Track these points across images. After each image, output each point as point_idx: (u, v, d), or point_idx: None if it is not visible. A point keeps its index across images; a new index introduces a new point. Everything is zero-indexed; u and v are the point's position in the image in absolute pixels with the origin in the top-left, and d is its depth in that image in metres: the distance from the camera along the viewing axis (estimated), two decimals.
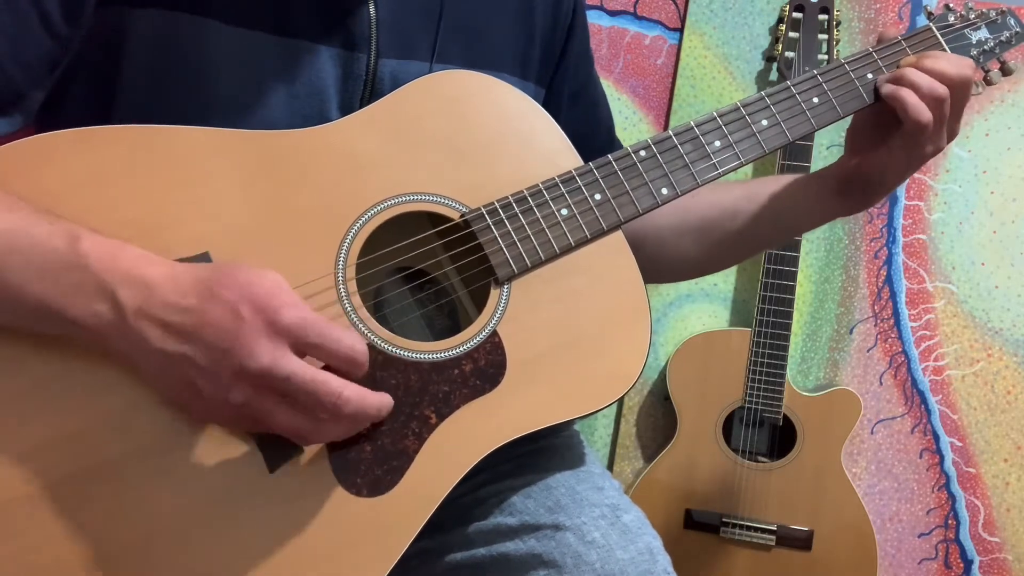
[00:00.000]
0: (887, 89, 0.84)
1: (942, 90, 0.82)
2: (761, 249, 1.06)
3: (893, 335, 1.75)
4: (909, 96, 0.82)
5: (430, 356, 0.73)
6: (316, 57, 0.78)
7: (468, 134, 0.79)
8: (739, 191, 0.97)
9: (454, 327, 0.79)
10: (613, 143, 1.05)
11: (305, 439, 0.66)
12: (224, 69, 0.75)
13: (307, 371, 0.61)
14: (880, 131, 0.87)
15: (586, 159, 0.82)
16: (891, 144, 0.85)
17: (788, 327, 1.60)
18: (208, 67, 0.74)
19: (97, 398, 0.64)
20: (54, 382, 0.63)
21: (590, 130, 1.00)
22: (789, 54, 1.58)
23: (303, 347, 0.62)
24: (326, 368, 0.64)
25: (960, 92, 0.83)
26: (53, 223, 0.61)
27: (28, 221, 0.61)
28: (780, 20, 1.62)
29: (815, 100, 0.86)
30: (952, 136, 0.86)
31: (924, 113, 0.81)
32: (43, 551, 0.62)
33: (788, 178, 0.94)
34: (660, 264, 1.01)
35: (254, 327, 0.60)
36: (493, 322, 0.76)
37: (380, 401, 0.65)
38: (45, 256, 0.60)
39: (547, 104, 0.96)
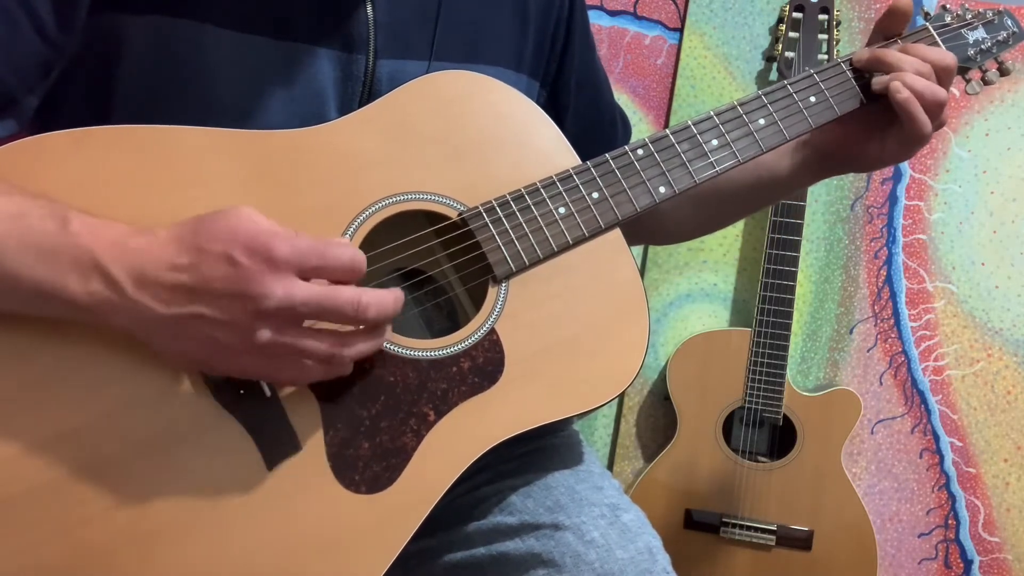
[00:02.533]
0: (899, 97, 0.84)
1: (944, 95, 0.83)
2: (759, 208, 1.08)
3: (893, 335, 1.75)
4: (915, 107, 0.83)
5: (428, 354, 0.74)
6: (314, 59, 0.78)
7: (466, 133, 0.79)
8: None
9: (452, 325, 0.79)
10: (615, 123, 1.06)
11: (339, 360, 0.66)
12: (221, 73, 0.75)
13: (321, 290, 0.62)
14: (871, 117, 0.88)
15: (593, 141, 0.82)
16: (885, 137, 0.88)
17: (788, 327, 1.61)
18: (205, 72, 0.74)
19: (93, 395, 0.64)
20: (50, 379, 0.63)
21: (595, 114, 1.02)
22: (789, 54, 1.58)
23: (307, 272, 0.63)
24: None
25: (943, 77, 0.85)
26: (44, 206, 0.61)
27: (21, 205, 0.61)
28: (780, 20, 1.63)
29: (812, 99, 0.87)
30: (939, 126, 0.88)
31: (928, 125, 0.84)
32: (42, 547, 0.63)
33: (783, 148, 0.95)
34: (660, 229, 1.05)
35: (255, 268, 0.60)
36: (491, 320, 0.76)
37: (394, 295, 0.67)
38: (39, 239, 0.60)
39: (556, 99, 0.97)
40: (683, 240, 1.13)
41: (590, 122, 0.96)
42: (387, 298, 0.66)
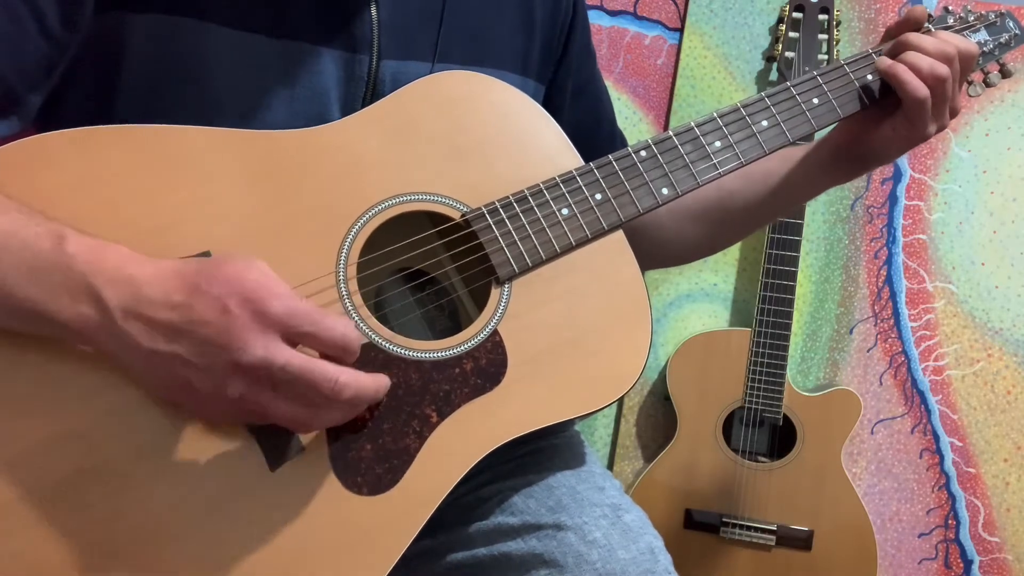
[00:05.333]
0: (883, 64, 0.85)
1: (943, 69, 0.83)
2: (761, 225, 1.07)
3: (893, 335, 1.75)
4: (905, 73, 0.83)
5: (431, 355, 0.73)
6: (317, 59, 0.78)
7: (469, 134, 0.79)
8: None
9: (455, 327, 0.79)
10: (615, 137, 1.05)
11: (305, 426, 0.66)
12: (224, 73, 0.75)
13: (301, 360, 0.61)
14: (877, 110, 0.88)
15: (589, 154, 0.82)
16: (894, 122, 0.86)
17: (788, 327, 1.61)
18: (208, 71, 0.74)
19: (94, 398, 0.64)
20: (52, 383, 0.63)
21: (593, 125, 1.01)
22: (789, 54, 1.58)
23: (295, 336, 0.62)
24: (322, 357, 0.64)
25: (953, 69, 0.84)
26: (41, 224, 0.61)
27: (17, 223, 0.60)
28: (780, 20, 1.63)
29: (815, 101, 0.87)
30: (954, 114, 0.87)
31: (921, 89, 0.82)
32: (42, 551, 0.62)
33: (781, 153, 0.95)
34: (662, 249, 1.02)
35: (244, 321, 0.60)
36: (494, 321, 0.76)
37: (376, 383, 0.65)
38: (33, 257, 0.60)
39: (549, 100, 0.96)
40: (688, 260, 1.11)
41: (588, 132, 0.95)
42: (367, 383, 0.64)
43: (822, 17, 1.57)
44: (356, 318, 0.71)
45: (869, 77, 0.88)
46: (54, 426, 0.63)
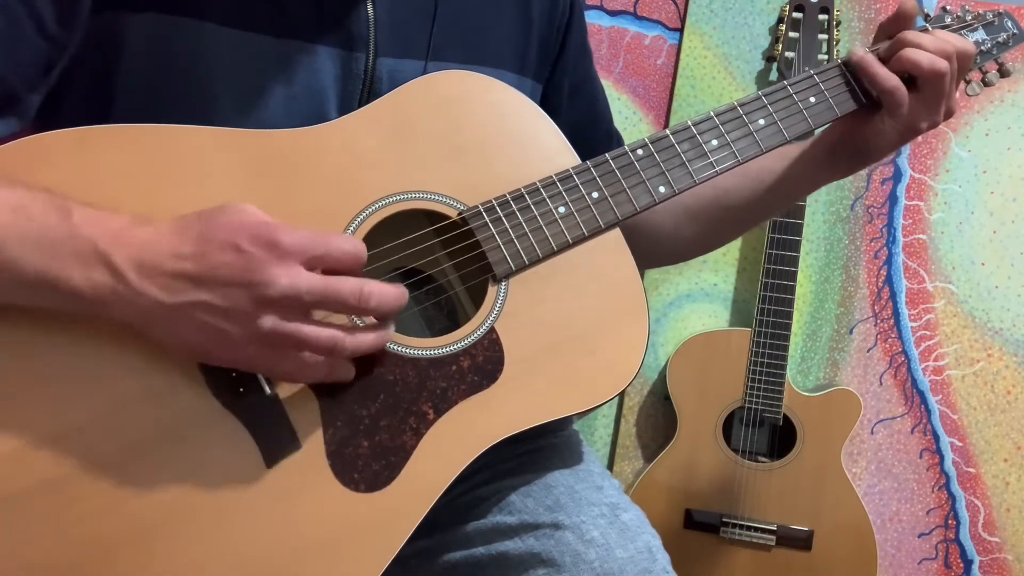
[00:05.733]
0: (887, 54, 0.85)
1: (942, 64, 0.83)
2: (757, 223, 1.07)
3: (893, 335, 1.75)
4: (906, 64, 0.83)
5: (428, 352, 0.74)
6: (314, 58, 0.78)
7: (466, 133, 0.79)
8: None
9: (452, 324, 0.79)
10: (612, 136, 1.06)
11: (340, 351, 0.66)
12: (222, 71, 0.75)
13: (324, 279, 0.63)
14: (874, 108, 0.88)
15: (585, 153, 0.82)
16: (885, 116, 0.86)
17: (788, 327, 1.61)
18: (206, 70, 0.74)
19: (92, 392, 0.64)
20: (49, 379, 0.63)
21: (589, 126, 1.01)
22: (789, 54, 1.58)
23: (311, 261, 0.63)
24: None
25: (961, 63, 0.85)
26: (46, 199, 0.62)
27: (24, 197, 0.61)
28: (780, 20, 1.63)
29: (812, 99, 0.87)
30: (949, 114, 0.87)
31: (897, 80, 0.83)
32: (39, 546, 0.63)
33: (777, 151, 0.95)
34: (660, 247, 1.03)
35: (261, 256, 0.61)
36: (491, 319, 0.76)
37: (399, 290, 0.67)
38: (41, 230, 0.60)
39: (546, 99, 0.96)
40: (685, 259, 1.11)
41: (585, 131, 0.95)
42: (389, 290, 0.66)
43: (822, 17, 1.57)
44: (353, 316, 0.71)
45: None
46: (52, 420, 0.63)
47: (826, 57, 1.57)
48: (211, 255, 0.61)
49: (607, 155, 0.81)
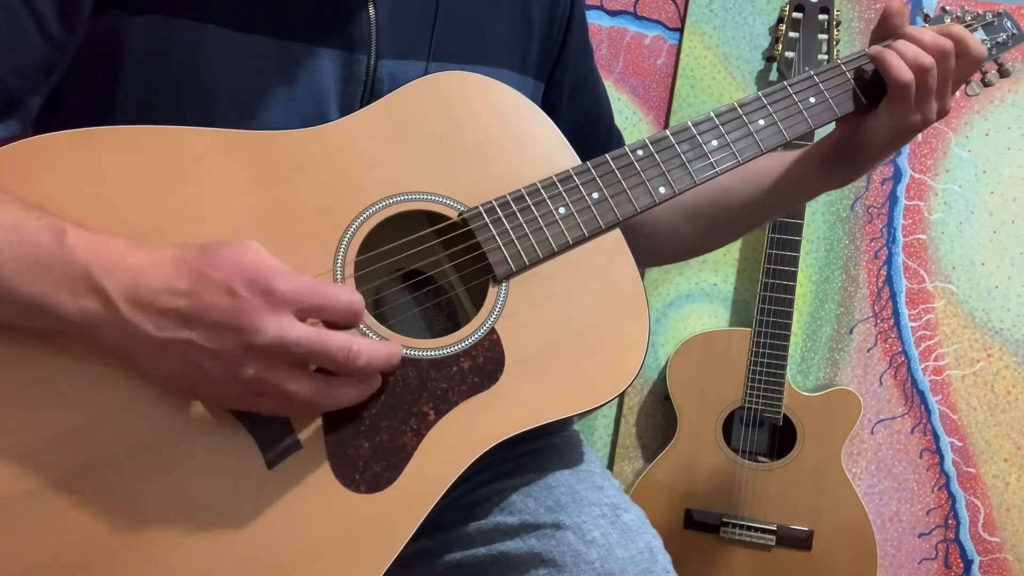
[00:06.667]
0: (872, 50, 0.85)
1: (927, 59, 0.83)
2: (756, 226, 1.07)
3: (893, 335, 1.75)
4: (891, 57, 0.83)
5: (429, 353, 0.74)
6: (316, 60, 0.78)
7: (466, 133, 0.79)
8: None
9: (452, 325, 0.79)
10: (612, 135, 1.06)
11: (321, 403, 0.66)
12: (222, 73, 0.75)
13: (314, 332, 0.62)
14: (873, 108, 0.88)
15: (586, 153, 0.82)
16: (878, 112, 0.86)
17: (788, 327, 1.61)
18: (207, 72, 0.74)
19: (94, 395, 0.64)
20: (51, 380, 0.63)
21: (590, 124, 1.01)
22: (789, 54, 1.58)
23: (305, 311, 0.63)
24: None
25: (944, 63, 0.84)
26: (41, 218, 0.61)
27: (17, 217, 0.60)
28: (780, 20, 1.63)
29: (812, 100, 0.87)
30: (943, 113, 0.87)
31: (904, 73, 0.82)
32: (42, 547, 0.63)
33: (778, 153, 0.95)
34: (659, 247, 1.03)
35: (254, 302, 0.60)
36: (491, 320, 0.76)
37: (389, 349, 0.66)
38: (33, 251, 0.60)
39: (547, 98, 0.96)
40: (683, 258, 1.11)
41: (585, 130, 0.95)
42: (379, 349, 0.65)
43: (822, 17, 1.57)
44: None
45: (865, 75, 0.88)
46: (53, 423, 0.63)
47: (826, 57, 1.57)
48: (205, 295, 0.60)
49: (607, 156, 0.81)
